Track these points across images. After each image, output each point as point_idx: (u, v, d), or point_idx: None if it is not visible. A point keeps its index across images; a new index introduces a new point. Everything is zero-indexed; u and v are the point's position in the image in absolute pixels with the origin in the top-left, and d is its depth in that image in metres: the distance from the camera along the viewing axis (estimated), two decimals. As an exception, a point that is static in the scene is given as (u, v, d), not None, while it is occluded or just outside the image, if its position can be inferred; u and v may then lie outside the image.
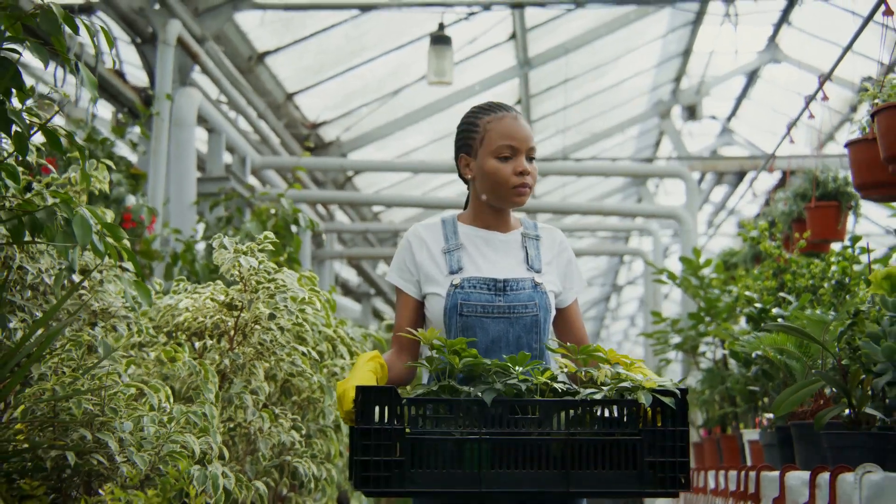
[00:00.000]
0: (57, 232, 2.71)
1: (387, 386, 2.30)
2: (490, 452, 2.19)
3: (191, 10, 5.71)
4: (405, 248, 2.68)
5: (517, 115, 2.66)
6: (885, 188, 3.95)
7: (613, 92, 11.22)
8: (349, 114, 8.55)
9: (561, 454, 2.21)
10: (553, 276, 2.66)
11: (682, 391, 2.26)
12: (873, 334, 2.36)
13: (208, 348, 3.28)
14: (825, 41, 10.42)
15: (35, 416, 2.30)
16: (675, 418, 2.24)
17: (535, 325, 2.56)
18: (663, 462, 2.22)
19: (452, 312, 2.54)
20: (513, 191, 2.59)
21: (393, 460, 2.18)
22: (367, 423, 2.19)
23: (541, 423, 2.22)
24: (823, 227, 4.90)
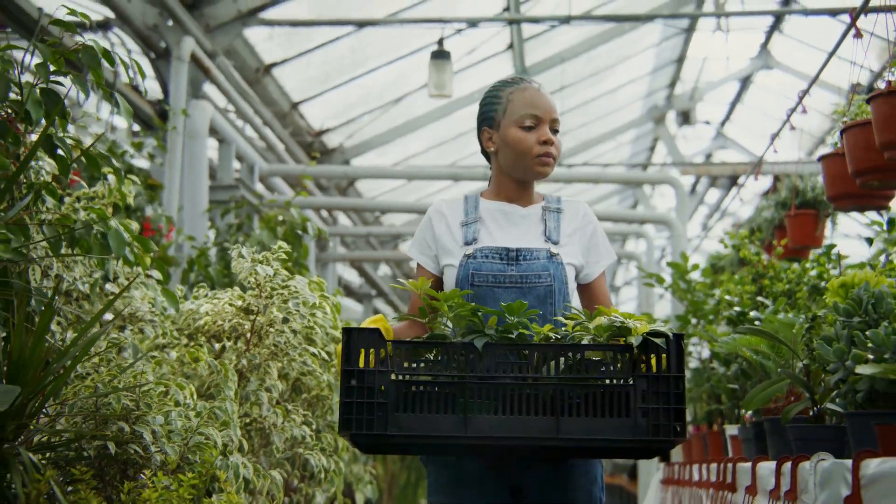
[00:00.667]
0: (94, 245, 2.99)
1: (372, 327, 2.22)
2: (478, 398, 2.13)
3: (202, 26, 5.99)
4: (425, 223, 2.66)
5: (540, 86, 2.63)
6: (854, 199, 4.25)
7: (609, 98, 11.50)
8: (352, 121, 8.83)
9: (551, 401, 2.14)
10: (574, 248, 2.61)
11: (677, 335, 2.18)
12: (827, 337, 2.64)
13: (226, 349, 3.56)
14: (816, 49, 10.70)
15: (80, 410, 2.58)
16: (670, 364, 2.16)
17: (549, 296, 2.51)
18: (657, 409, 2.14)
19: (464, 282, 2.52)
20: (536, 160, 2.56)
21: (376, 402, 2.13)
22: (351, 365, 2.15)
23: (532, 369, 2.15)
24: (802, 234, 5.18)
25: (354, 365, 2.14)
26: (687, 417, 6.21)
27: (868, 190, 3.99)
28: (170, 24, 5.85)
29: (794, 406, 3.14)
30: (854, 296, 2.61)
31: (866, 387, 2.39)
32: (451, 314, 2.22)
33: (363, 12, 6.95)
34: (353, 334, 2.16)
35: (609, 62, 10.16)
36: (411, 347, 2.19)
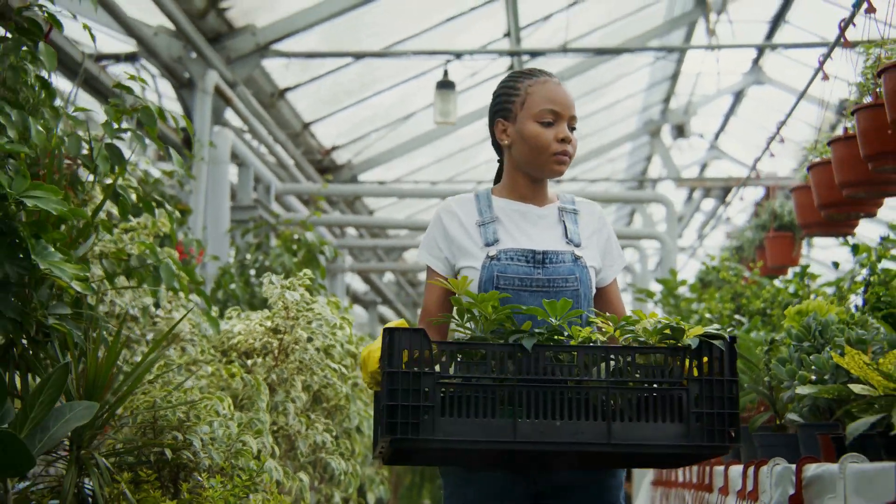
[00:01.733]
0: (147, 276, 3.43)
1: (416, 327, 2.14)
2: (527, 402, 2.07)
3: (223, 58, 6.43)
4: (436, 224, 2.54)
5: (559, 82, 2.53)
6: (822, 227, 4.70)
7: (605, 113, 11.93)
8: (360, 139, 9.28)
9: (601, 405, 2.07)
10: (593, 251, 2.53)
11: (732, 337, 2.12)
12: (782, 358, 3.08)
13: (257, 365, 4.00)
14: (805, 65, 11.13)
15: (141, 421, 3.02)
16: (723, 367, 2.10)
17: (576, 300, 2.42)
18: (711, 413, 2.08)
19: (488, 285, 2.40)
20: (553, 158, 2.46)
21: (422, 406, 2.05)
22: (394, 367, 2.06)
23: (582, 372, 2.09)
24: (780, 254, 5.63)
25: (397, 366, 2.05)
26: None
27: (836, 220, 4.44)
28: (193, 56, 6.28)
29: (759, 416, 3.57)
30: (805, 323, 3.04)
31: (810, 402, 2.82)
32: (491, 316, 2.15)
33: (370, 42, 7.39)
34: (394, 335, 2.07)
35: (606, 80, 10.59)
36: (456, 348, 2.10)
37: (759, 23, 10.98)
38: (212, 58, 6.22)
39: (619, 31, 9.32)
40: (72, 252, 2.92)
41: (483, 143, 10.80)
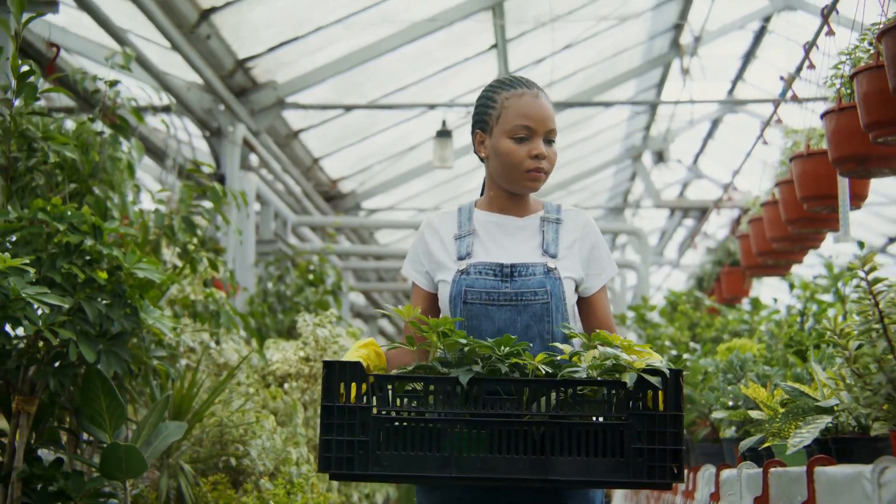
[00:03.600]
0: (208, 318, 4.28)
1: (353, 361, 2.12)
2: (468, 437, 2.05)
3: (248, 110, 7.28)
4: (418, 239, 2.54)
5: (538, 93, 2.47)
6: (761, 269, 5.59)
7: (590, 141, 12.81)
8: (364, 171, 10.14)
9: (541, 439, 2.05)
10: (573, 261, 2.46)
11: (675, 371, 2.08)
12: (713, 386, 3.95)
13: (292, 388, 4.85)
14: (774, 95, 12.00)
15: (212, 436, 3.87)
16: (668, 402, 2.06)
17: (546, 314, 2.38)
18: (653, 449, 2.05)
19: (457, 300, 2.39)
20: (525, 175, 2.42)
21: (357, 441, 2.04)
22: (330, 401, 2.06)
23: (521, 406, 2.06)
24: (733, 287, 6.52)
25: (334, 400, 2.05)
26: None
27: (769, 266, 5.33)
28: (221, 109, 7.13)
29: (701, 430, 4.44)
30: (729, 359, 3.91)
31: (738, 421, 3.68)
32: (443, 342, 2.14)
33: (375, 90, 8.26)
34: (333, 367, 2.08)
35: (589, 114, 11.47)
36: (394, 381, 2.09)
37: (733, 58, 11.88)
38: (238, 111, 7.07)
39: (601, 72, 10.19)
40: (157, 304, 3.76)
41: (475, 171, 11.72)
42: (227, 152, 6.80)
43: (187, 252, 4.02)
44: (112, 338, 3.34)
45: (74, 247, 3.31)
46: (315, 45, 7.17)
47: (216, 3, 6.22)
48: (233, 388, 4.22)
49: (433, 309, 2.50)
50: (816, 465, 2.27)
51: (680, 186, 16.43)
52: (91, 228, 3.34)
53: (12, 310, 3.00)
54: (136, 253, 3.41)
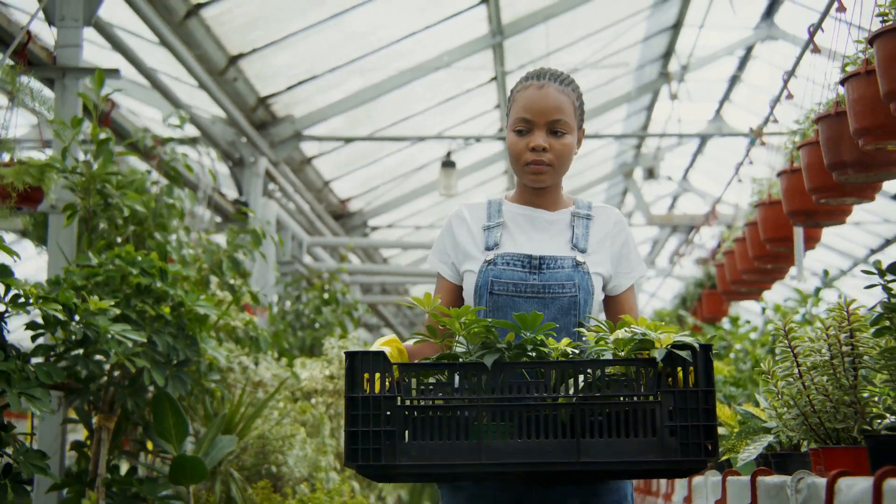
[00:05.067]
0: (248, 343, 4.90)
1: (377, 350, 2.08)
2: (496, 424, 2.00)
3: (268, 142, 7.90)
4: (446, 228, 2.52)
5: (545, 84, 2.43)
6: (735, 294, 6.21)
7: (584, 158, 13.44)
8: (371, 191, 10.77)
9: (570, 422, 1.99)
10: (602, 257, 2.43)
11: (705, 346, 2.01)
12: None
13: (318, 403, 5.46)
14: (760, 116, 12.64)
15: (255, 447, 4.49)
16: (698, 378, 1.99)
17: (573, 307, 2.34)
18: (686, 427, 1.98)
19: (483, 290, 2.36)
20: (526, 168, 2.40)
21: (384, 431, 2.01)
22: (355, 392, 2.03)
23: (549, 389, 2.01)
24: (713, 308, 7.16)
25: (359, 391, 2.03)
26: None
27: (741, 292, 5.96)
28: (243, 141, 7.75)
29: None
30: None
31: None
32: (465, 331, 2.09)
33: (382, 120, 8.89)
34: (356, 358, 2.05)
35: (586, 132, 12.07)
36: (419, 370, 2.06)
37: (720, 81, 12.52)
38: (259, 143, 7.69)
39: (593, 98, 10.82)
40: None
41: (477, 187, 12.37)
42: (250, 182, 7.42)
43: (232, 288, 4.64)
44: (177, 364, 3.95)
45: (145, 287, 3.92)
46: (329, 83, 7.80)
47: (243, 50, 6.83)
48: (271, 404, 4.83)
49: (458, 301, 2.47)
50: (758, 475, 2.90)
51: (671, 199, 17.09)
52: (158, 272, 3.96)
53: (101, 344, 3.61)
54: (195, 292, 4.02)
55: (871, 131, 3.04)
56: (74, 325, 3.55)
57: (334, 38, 7.17)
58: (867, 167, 3.36)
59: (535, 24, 7.81)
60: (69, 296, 3.55)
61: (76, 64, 4.65)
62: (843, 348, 2.30)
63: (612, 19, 8.85)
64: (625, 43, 9.69)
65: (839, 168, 3.42)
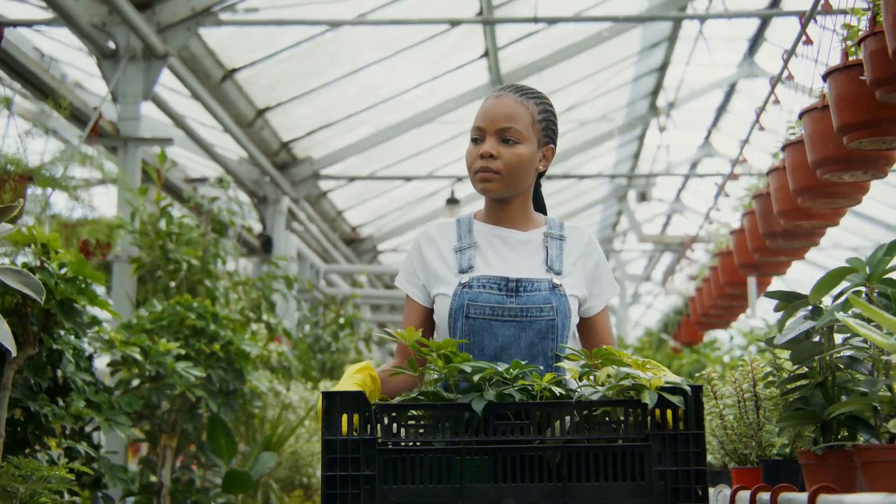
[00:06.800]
0: (280, 371, 5.70)
1: (355, 391, 1.99)
2: (479, 466, 1.96)
3: (289, 181, 8.72)
4: (414, 250, 2.45)
5: (503, 94, 2.41)
6: (705, 325, 7.02)
7: (580, 182, 14.25)
8: (380, 218, 11.59)
9: (557, 465, 1.95)
10: (577, 278, 2.39)
11: (695, 388, 2.00)
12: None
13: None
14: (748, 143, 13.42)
15: (290, 462, 5.29)
16: (689, 420, 1.98)
17: (551, 331, 2.30)
18: (675, 471, 1.96)
19: (458, 314, 2.30)
20: (475, 176, 2.36)
21: (363, 475, 1.94)
22: (332, 434, 1.96)
23: (535, 431, 1.97)
24: (689, 334, 7.97)
25: (336, 433, 1.96)
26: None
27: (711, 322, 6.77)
28: (267, 180, 8.57)
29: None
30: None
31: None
32: (446, 368, 2.06)
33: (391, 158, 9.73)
34: (332, 399, 1.97)
35: (580, 162, 12.91)
36: (399, 410, 1.99)
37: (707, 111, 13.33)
38: (281, 182, 8.51)
39: (588, 131, 11.64)
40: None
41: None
42: (274, 218, 8.24)
43: (269, 325, 5.45)
44: (227, 394, 4.76)
45: (200, 329, 4.72)
46: (344, 128, 8.62)
47: (269, 104, 7.66)
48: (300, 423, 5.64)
49: (428, 323, 2.41)
50: (696, 486, 3.70)
51: (665, 217, 17.90)
52: (211, 316, 4.76)
53: (169, 378, 4.42)
54: (240, 332, 4.83)
55: (806, 191, 3.70)
56: (148, 364, 4.36)
57: (349, 91, 8.00)
58: (792, 237, 4.17)
59: (530, 74, 8.61)
60: (143, 339, 4.36)
61: (136, 134, 5.47)
62: (746, 395, 3.10)
63: (601, 65, 9.66)
64: (615, 84, 10.52)
65: (771, 237, 4.23)
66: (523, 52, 8.56)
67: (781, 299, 2.49)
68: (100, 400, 4.08)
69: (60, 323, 3.52)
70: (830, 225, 3.90)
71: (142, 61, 5.46)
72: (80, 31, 5.30)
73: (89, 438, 4.08)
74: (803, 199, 3.57)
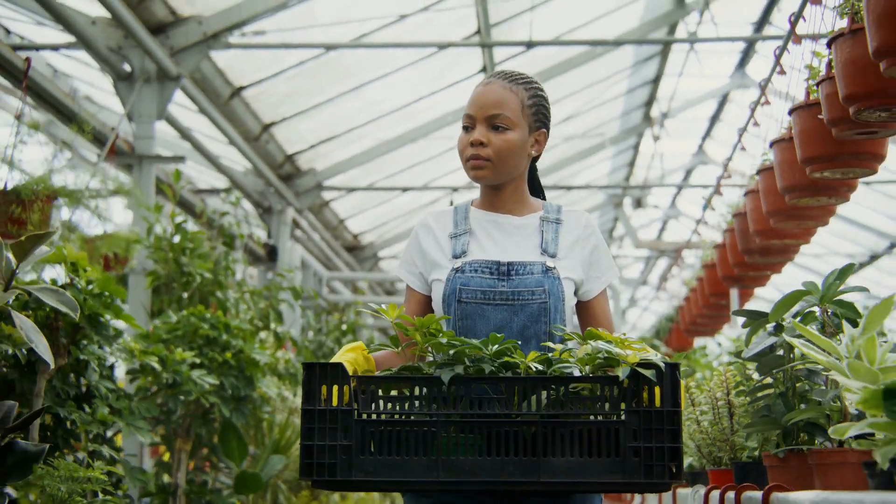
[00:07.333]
0: (288, 378, 5.98)
1: (335, 362, 2.04)
2: (456, 440, 1.98)
3: (293, 192, 9.01)
4: (412, 239, 2.48)
5: (491, 81, 2.43)
6: (694, 332, 7.31)
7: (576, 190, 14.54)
8: (381, 226, 11.89)
9: (533, 440, 1.97)
10: (573, 261, 2.39)
11: (671, 365, 2.00)
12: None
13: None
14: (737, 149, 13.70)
15: (296, 463, 5.57)
16: (664, 397, 1.98)
17: (544, 314, 2.31)
18: (650, 448, 1.96)
19: (451, 298, 2.32)
20: (467, 163, 2.39)
21: (339, 445, 1.97)
22: (311, 404, 2.00)
23: (511, 405, 1.97)
24: (680, 340, 8.26)
25: (315, 404, 2.00)
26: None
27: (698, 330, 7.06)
28: (272, 191, 8.86)
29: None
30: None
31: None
32: (427, 342, 2.07)
33: (392, 168, 10.01)
34: (313, 370, 2.02)
35: (576, 171, 13.20)
36: (378, 382, 2.02)
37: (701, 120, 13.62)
38: (286, 193, 8.80)
39: (584, 139, 11.93)
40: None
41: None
42: (279, 229, 8.53)
43: (277, 334, 5.73)
44: (238, 400, 5.04)
45: (213, 338, 5.01)
46: (347, 141, 8.91)
47: (275, 120, 7.95)
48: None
49: (427, 311, 2.43)
50: (677, 487, 3.99)
51: (661, 223, 18.20)
52: (223, 326, 5.05)
53: (184, 385, 4.70)
54: (250, 341, 5.12)
55: (777, 213, 4.02)
56: (165, 372, 4.64)
57: (352, 105, 8.29)
58: (768, 253, 4.46)
59: (526, 89, 8.90)
60: (160, 348, 4.64)
61: (151, 152, 5.76)
62: (720, 403, 3.39)
63: (596, 78, 9.96)
64: (609, 95, 10.82)
65: (748, 253, 4.52)
66: (520, 68, 8.85)
67: (748, 317, 2.78)
68: (121, 406, 4.36)
69: (89, 336, 3.80)
70: (802, 243, 4.20)
71: (156, 83, 5.75)
72: (98, 54, 5.59)
73: (111, 442, 4.36)
74: (775, 220, 3.87)
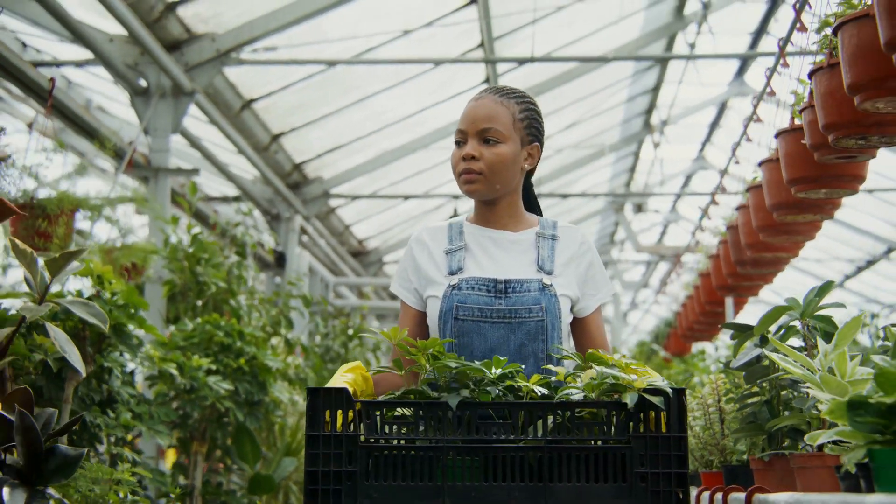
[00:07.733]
0: (299, 383, 6.19)
1: (338, 387, 2.03)
2: (460, 465, 1.97)
3: (301, 199, 9.22)
4: (406, 254, 2.48)
5: (483, 96, 2.43)
6: (690, 338, 7.52)
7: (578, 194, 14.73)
8: (385, 232, 12.10)
9: (538, 465, 1.97)
10: (569, 278, 2.39)
11: (678, 391, 2.01)
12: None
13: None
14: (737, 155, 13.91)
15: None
16: (671, 423, 1.99)
17: (541, 332, 2.31)
18: (657, 474, 1.98)
19: (448, 316, 2.32)
20: (460, 178, 2.40)
21: (344, 471, 1.97)
22: (315, 430, 2.00)
23: (516, 430, 1.98)
24: (678, 346, 8.47)
25: (319, 429, 2.00)
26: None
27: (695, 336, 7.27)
28: (280, 199, 9.08)
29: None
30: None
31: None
32: (432, 364, 2.06)
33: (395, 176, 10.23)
34: (317, 395, 2.02)
35: (577, 176, 13.41)
36: (382, 408, 2.02)
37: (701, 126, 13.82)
38: (293, 201, 9.01)
39: (585, 146, 12.14)
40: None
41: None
42: (287, 236, 8.74)
43: (288, 341, 5.94)
44: (252, 404, 5.25)
45: (227, 346, 5.22)
46: (353, 150, 9.13)
47: (283, 130, 8.17)
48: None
49: (422, 327, 2.42)
50: (672, 488, 4.19)
51: (661, 227, 18.39)
52: (237, 333, 5.25)
53: (201, 391, 4.91)
54: (263, 348, 5.33)
55: (766, 228, 4.24)
56: (182, 378, 4.85)
57: (358, 116, 8.51)
58: (759, 265, 4.67)
59: (529, 98, 9.11)
60: (178, 355, 4.85)
61: (166, 165, 5.97)
62: (711, 409, 3.60)
63: (597, 88, 10.16)
64: (610, 104, 11.02)
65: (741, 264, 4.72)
66: (522, 78, 9.06)
67: (735, 330, 2.99)
68: (142, 411, 4.57)
69: (115, 345, 4.01)
70: (792, 256, 4.40)
71: (171, 98, 5.96)
72: (115, 70, 5.80)
73: (132, 445, 4.58)
74: (765, 234, 4.07)
